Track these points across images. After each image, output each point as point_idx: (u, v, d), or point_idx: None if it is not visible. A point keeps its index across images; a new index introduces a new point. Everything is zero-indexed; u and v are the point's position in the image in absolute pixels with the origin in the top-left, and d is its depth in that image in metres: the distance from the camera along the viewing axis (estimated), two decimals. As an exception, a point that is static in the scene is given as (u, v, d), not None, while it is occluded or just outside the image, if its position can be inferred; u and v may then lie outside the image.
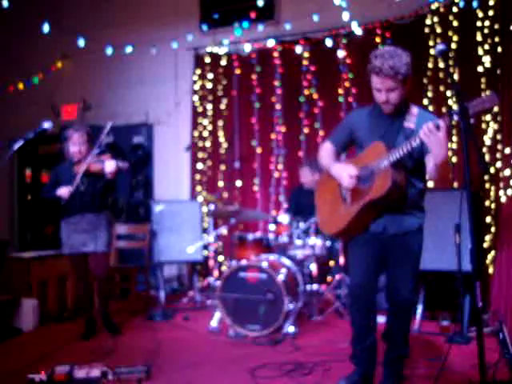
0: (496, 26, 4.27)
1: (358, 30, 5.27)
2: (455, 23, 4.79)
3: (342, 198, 2.78)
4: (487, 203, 4.30)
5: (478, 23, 4.47)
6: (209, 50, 6.19)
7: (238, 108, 6.10)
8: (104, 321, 4.23)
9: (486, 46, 4.37)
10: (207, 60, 6.20)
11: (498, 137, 4.13)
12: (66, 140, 4.10)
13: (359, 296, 2.75)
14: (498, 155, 4.10)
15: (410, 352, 2.80)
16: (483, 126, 4.34)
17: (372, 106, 2.73)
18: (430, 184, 3.71)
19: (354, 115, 2.91)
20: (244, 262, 4.15)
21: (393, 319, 2.78)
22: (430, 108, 4.95)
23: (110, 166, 3.92)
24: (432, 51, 4.96)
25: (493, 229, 4.21)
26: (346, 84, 5.54)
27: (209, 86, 6.21)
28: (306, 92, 5.75)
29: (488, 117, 4.28)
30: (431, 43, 4.99)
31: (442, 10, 4.92)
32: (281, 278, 3.99)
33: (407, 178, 2.59)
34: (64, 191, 3.98)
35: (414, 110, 2.64)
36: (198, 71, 6.26)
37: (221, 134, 6.17)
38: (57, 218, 4.30)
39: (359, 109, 2.94)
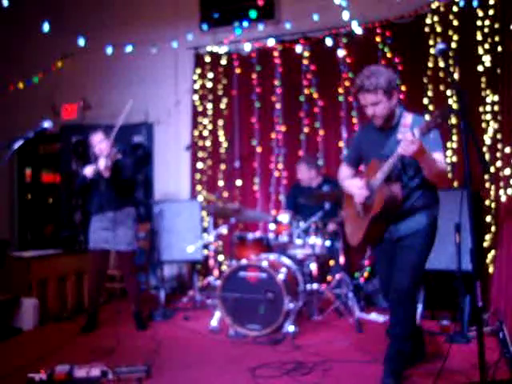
0: (496, 26, 4.26)
1: (358, 30, 5.26)
2: (455, 22, 4.78)
3: (358, 212, 2.97)
4: (487, 202, 4.30)
5: (478, 22, 4.46)
6: (209, 49, 6.19)
7: (238, 107, 6.09)
8: (134, 317, 4.35)
9: (486, 46, 4.36)
10: (207, 59, 6.20)
11: (498, 136, 4.13)
12: (91, 145, 4.32)
13: (387, 292, 2.96)
14: (498, 154, 4.10)
15: (411, 349, 2.82)
16: (483, 125, 4.34)
17: (371, 122, 2.88)
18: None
19: (359, 133, 3.14)
20: (244, 262, 4.15)
21: (392, 309, 2.86)
22: (430, 107, 4.95)
23: (100, 163, 4.09)
24: (432, 50, 4.96)
25: (493, 228, 4.21)
26: (346, 83, 5.53)
27: (209, 85, 6.20)
28: (306, 91, 5.75)
29: (488, 116, 4.27)
30: (431, 42, 4.99)
31: (442, 9, 4.92)
32: (281, 277, 3.99)
33: (408, 185, 2.74)
34: (88, 170, 4.14)
35: (408, 120, 2.74)
36: (198, 70, 6.25)
37: (221, 133, 6.17)
38: (55, 219, 4.31)
39: (364, 126, 3.12)
